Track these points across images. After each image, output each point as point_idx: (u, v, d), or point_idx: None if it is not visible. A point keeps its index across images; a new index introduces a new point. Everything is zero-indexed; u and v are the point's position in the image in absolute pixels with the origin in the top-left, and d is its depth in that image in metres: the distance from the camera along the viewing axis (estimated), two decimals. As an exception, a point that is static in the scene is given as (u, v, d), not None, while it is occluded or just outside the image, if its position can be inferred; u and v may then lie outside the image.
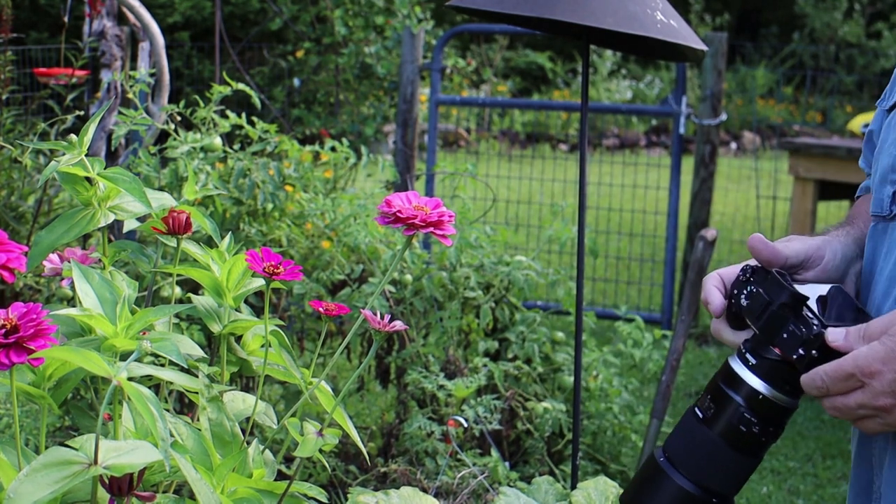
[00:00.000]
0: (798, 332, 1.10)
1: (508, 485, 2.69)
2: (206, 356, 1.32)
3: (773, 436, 1.14)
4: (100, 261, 1.36)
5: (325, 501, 1.33)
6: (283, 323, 1.41)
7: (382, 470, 2.82)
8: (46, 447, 1.05)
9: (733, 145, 12.72)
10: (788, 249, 1.21)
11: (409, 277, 3.19)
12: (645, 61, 14.70)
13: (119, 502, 1.07)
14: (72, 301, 2.04)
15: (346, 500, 2.48)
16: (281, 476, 1.36)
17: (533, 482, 1.86)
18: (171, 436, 1.14)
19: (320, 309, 1.33)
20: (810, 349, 1.09)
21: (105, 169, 1.28)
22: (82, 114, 3.50)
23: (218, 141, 3.02)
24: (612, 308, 5.48)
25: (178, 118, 3.06)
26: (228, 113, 3.14)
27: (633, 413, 3.38)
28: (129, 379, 1.05)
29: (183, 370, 1.20)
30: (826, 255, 1.24)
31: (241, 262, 1.34)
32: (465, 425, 2.83)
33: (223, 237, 1.44)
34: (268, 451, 1.32)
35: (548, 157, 9.95)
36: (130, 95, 3.07)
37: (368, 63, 7.30)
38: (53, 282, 2.90)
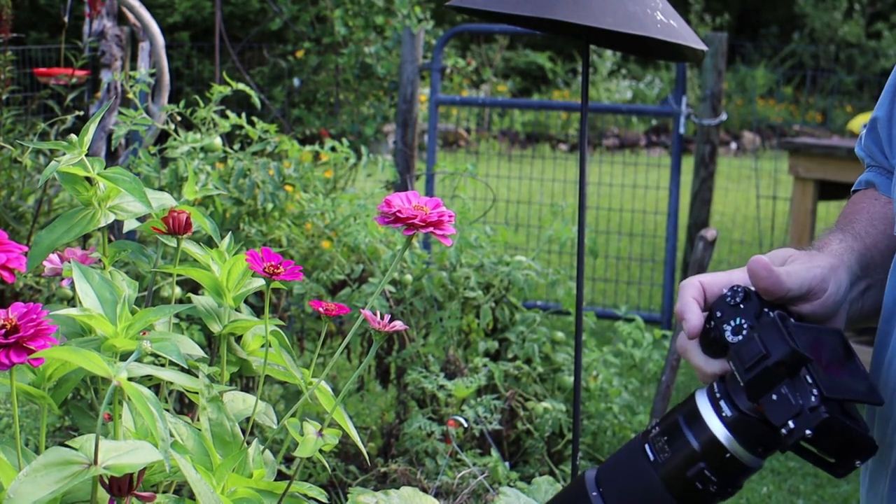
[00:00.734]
0: (792, 400, 0.93)
1: (508, 485, 2.69)
2: (206, 356, 1.32)
3: (728, 496, 0.99)
4: (100, 261, 1.36)
5: (325, 501, 1.33)
6: (283, 323, 1.41)
7: (382, 470, 2.82)
8: (46, 447, 1.05)
9: (733, 145, 12.73)
10: (791, 279, 1.03)
11: (409, 277, 3.19)
12: (645, 61, 14.70)
13: (119, 502, 1.07)
14: (72, 301, 2.04)
15: (346, 500, 2.48)
16: (281, 476, 1.36)
17: (533, 482, 1.86)
18: (171, 436, 1.14)
19: (320, 309, 1.33)
20: (803, 427, 0.92)
21: (105, 169, 1.28)
22: (82, 114, 3.50)
23: (218, 141, 3.02)
24: (612, 308, 5.48)
25: (178, 118, 3.06)
26: (228, 113, 3.14)
27: (633, 413, 3.39)
28: (129, 379, 1.05)
29: (183, 370, 1.20)
30: (829, 288, 1.06)
31: (241, 262, 1.34)
32: (465, 425, 2.83)
33: (223, 237, 1.44)
34: (268, 452, 1.32)
35: (548, 157, 9.95)
36: (130, 95, 3.07)
37: (368, 63, 7.30)
38: (53, 282, 2.90)
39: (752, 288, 1.02)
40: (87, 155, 1.27)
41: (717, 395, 0.98)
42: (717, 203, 8.10)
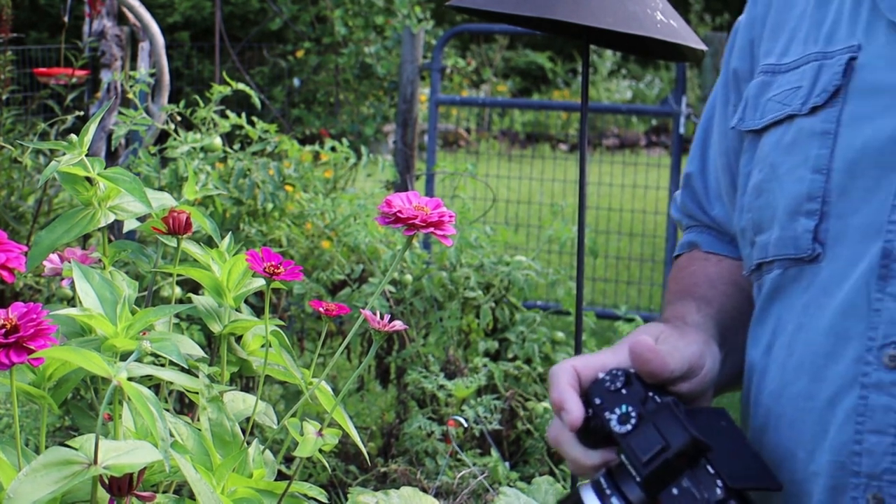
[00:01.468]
0: (696, 493, 0.85)
1: (508, 485, 2.69)
2: (206, 356, 1.32)
3: None
4: (100, 261, 1.36)
5: (325, 501, 1.33)
6: (283, 323, 1.41)
7: (382, 470, 2.82)
8: (46, 447, 1.05)
9: (733, 145, 12.72)
10: (674, 359, 0.95)
11: (409, 277, 3.20)
12: (645, 61, 14.70)
13: (119, 502, 1.07)
14: (72, 301, 2.04)
15: (346, 500, 2.48)
16: (281, 476, 1.36)
17: (533, 482, 1.87)
18: (171, 436, 1.14)
19: (320, 309, 1.33)
20: None
21: (105, 169, 1.28)
22: (82, 114, 3.50)
23: (218, 141, 3.02)
24: (612, 308, 5.48)
25: (178, 118, 3.06)
26: (228, 113, 3.14)
27: (633, 413, 3.38)
28: (129, 379, 1.05)
29: (183, 370, 1.20)
30: (707, 365, 0.99)
31: (242, 262, 1.34)
32: (465, 425, 2.83)
33: (223, 237, 1.44)
34: (268, 451, 1.32)
35: (548, 156, 9.95)
36: (130, 95, 3.07)
37: (368, 63, 7.31)
38: (53, 282, 2.90)
39: (632, 370, 0.93)
40: (87, 155, 1.27)
41: (607, 491, 0.88)
42: (717, 203, 8.08)
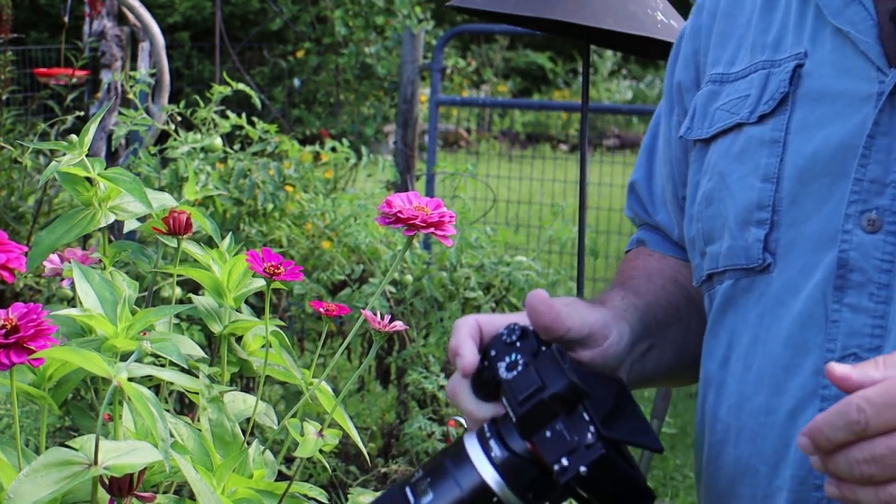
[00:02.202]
0: (567, 436, 0.84)
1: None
2: (206, 356, 1.32)
3: None
4: (100, 261, 1.36)
5: (326, 502, 1.33)
6: (283, 323, 1.41)
7: (383, 470, 2.82)
8: (46, 447, 1.05)
9: (733, 145, 12.73)
10: (572, 319, 0.95)
11: (409, 278, 3.20)
12: (645, 61, 14.70)
13: (119, 503, 1.06)
14: (72, 301, 2.04)
15: (347, 500, 2.48)
16: (281, 476, 1.36)
17: (533, 482, 1.86)
18: (172, 436, 1.14)
19: (321, 309, 1.33)
20: (577, 464, 0.83)
21: (105, 169, 1.28)
22: (82, 114, 3.50)
23: (218, 141, 3.02)
24: (612, 308, 5.47)
25: (179, 118, 3.06)
26: (229, 113, 3.14)
27: (633, 413, 3.38)
28: (130, 379, 1.05)
29: (183, 370, 1.20)
30: (611, 337, 0.99)
31: (242, 263, 1.34)
32: (465, 426, 2.83)
33: (223, 237, 1.44)
34: (268, 452, 1.32)
35: (548, 157, 9.95)
36: (130, 95, 3.07)
37: (368, 63, 7.31)
38: (53, 282, 2.90)
39: (531, 328, 0.93)
40: (87, 155, 1.27)
41: (487, 434, 0.89)
42: (717, 203, 8.09)
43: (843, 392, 0.77)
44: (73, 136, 1.27)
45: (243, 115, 3.15)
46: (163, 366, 1.32)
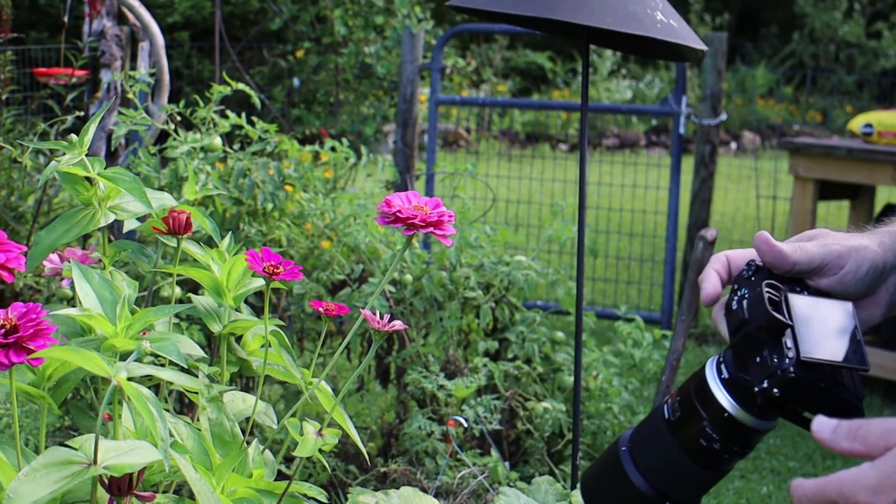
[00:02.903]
0: (769, 362, 0.97)
1: (508, 485, 2.69)
2: (206, 356, 1.32)
3: (737, 454, 1.03)
4: (100, 261, 1.36)
5: (325, 501, 1.33)
6: (283, 323, 1.41)
7: (382, 470, 2.82)
8: (46, 447, 1.05)
9: (733, 145, 12.72)
10: (798, 254, 1.07)
11: (408, 277, 3.19)
12: (645, 61, 14.70)
13: (119, 502, 1.07)
14: (72, 301, 2.04)
15: (346, 500, 2.48)
16: (281, 476, 1.36)
17: (533, 482, 1.86)
18: (171, 436, 1.14)
19: (320, 309, 1.33)
20: (773, 386, 0.96)
21: (105, 169, 1.28)
22: (82, 114, 3.50)
23: (218, 141, 3.02)
24: (612, 308, 5.48)
25: (178, 118, 3.06)
26: (228, 113, 3.14)
27: (633, 413, 3.38)
28: (129, 379, 1.05)
29: (183, 370, 1.20)
30: (847, 266, 1.08)
31: (241, 262, 1.34)
32: (465, 425, 2.83)
33: (223, 237, 1.44)
34: (268, 451, 1.32)
35: (548, 156, 9.95)
36: (130, 95, 3.07)
37: (368, 63, 7.31)
38: (53, 282, 2.90)
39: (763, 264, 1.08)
40: (87, 155, 1.27)
41: (721, 359, 1.03)
42: (717, 203, 8.10)
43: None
44: (73, 136, 1.27)
45: (243, 114, 3.15)
46: (162, 365, 1.32)
